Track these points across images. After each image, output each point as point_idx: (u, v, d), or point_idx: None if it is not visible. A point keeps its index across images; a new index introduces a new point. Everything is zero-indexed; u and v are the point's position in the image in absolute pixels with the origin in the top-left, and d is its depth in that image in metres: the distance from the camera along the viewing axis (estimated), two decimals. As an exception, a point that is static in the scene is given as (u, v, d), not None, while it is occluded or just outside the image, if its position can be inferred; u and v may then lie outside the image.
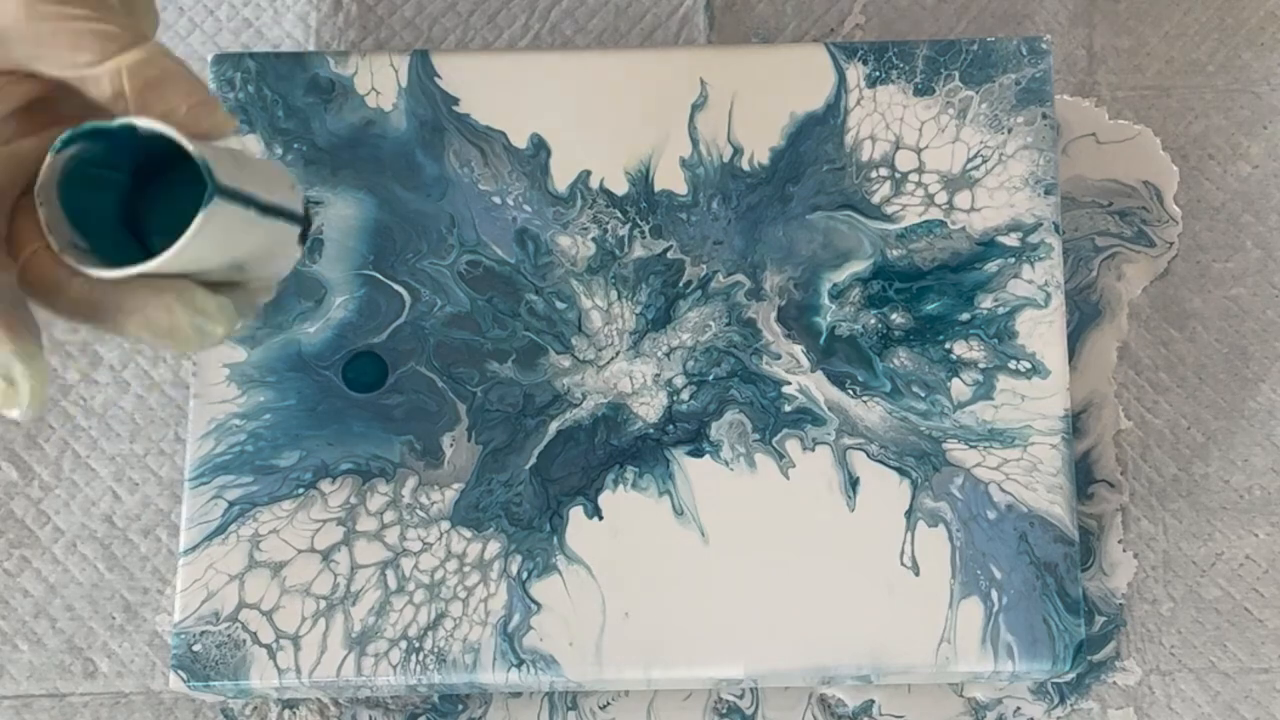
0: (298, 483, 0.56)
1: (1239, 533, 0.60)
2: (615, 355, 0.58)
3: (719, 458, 0.57)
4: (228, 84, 0.60)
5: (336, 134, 0.60)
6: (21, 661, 0.58)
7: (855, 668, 0.55)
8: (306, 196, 0.59)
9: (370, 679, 0.54)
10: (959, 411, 0.57)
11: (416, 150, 0.60)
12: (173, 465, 0.59)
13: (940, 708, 0.58)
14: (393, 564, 0.56)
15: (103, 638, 0.58)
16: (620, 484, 0.56)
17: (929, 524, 0.56)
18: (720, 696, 0.57)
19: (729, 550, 0.56)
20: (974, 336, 0.58)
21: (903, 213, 0.59)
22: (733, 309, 0.58)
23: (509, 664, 0.54)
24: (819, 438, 0.57)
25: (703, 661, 0.55)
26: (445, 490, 0.56)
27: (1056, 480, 0.56)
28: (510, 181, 0.59)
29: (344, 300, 0.58)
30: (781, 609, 0.55)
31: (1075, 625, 0.55)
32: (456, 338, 0.58)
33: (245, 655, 0.54)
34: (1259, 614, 0.59)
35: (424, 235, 0.59)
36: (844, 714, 0.57)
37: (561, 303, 0.59)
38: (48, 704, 0.57)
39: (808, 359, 0.58)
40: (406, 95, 0.60)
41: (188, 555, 0.55)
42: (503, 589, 0.55)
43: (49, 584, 0.58)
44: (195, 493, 0.56)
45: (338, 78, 0.60)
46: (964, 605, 0.55)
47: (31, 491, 0.59)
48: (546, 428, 0.57)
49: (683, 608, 0.55)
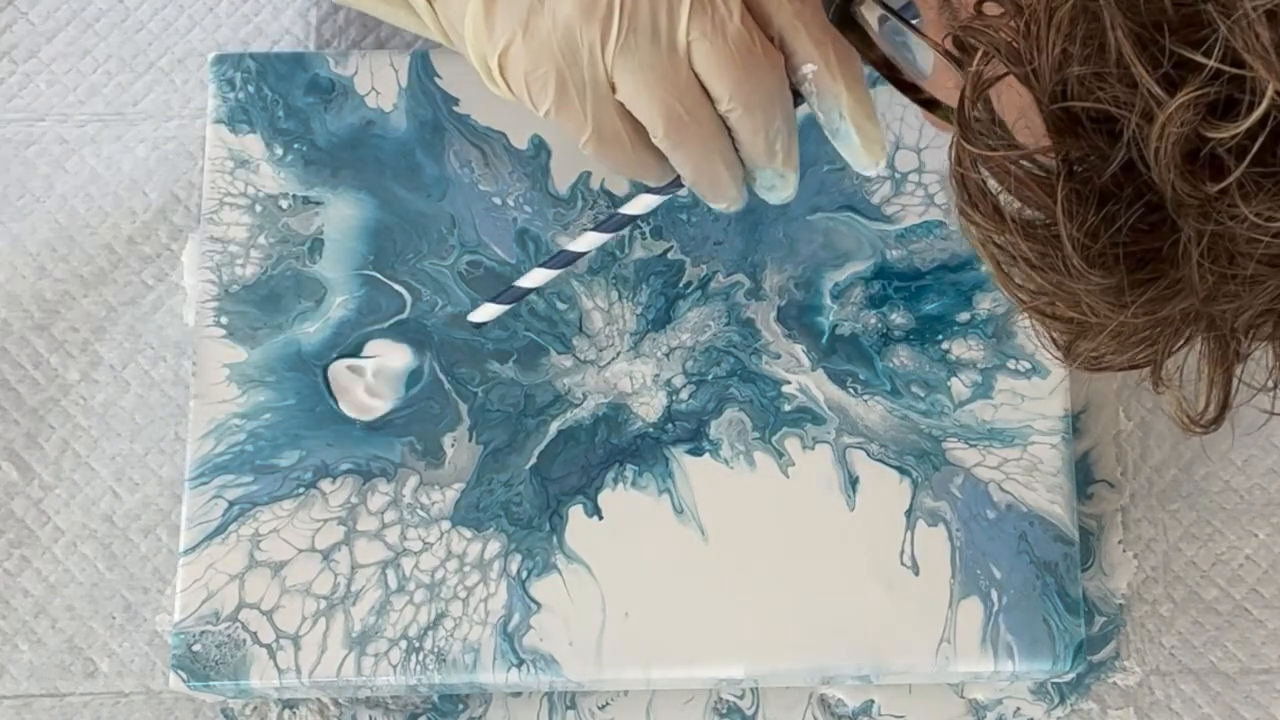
0: (298, 482, 0.56)
1: (1239, 533, 0.60)
2: (616, 355, 0.58)
3: (719, 456, 0.57)
4: (228, 84, 0.60)
5: (336, 134, 0.60)
6: (21, 661, 0.58)
7: (855, 668, 0.55)
8: (307, 196, 0.59)
9: (370, 679, 0.54)
10: (959, 411, 0.57)
11: (417, 150, 0.60)
12: (173, 465, 0.59)
13: (940, 708, 0.57)
14: (393, 564, 0.56)
15: (103, 637, 0.58)
16: (620, 483, 0.56)
17: (929, 523, 0.56)
18: (720, 696, 0.57)
19: (729, 550, 0.56)
20: (973, 336, 0.58)
21: (903, 213, 0.59)
22: (732, 309, 0.58)
23: (509, 664, 0.54)
24: (819, 437, 0.57)
25: (703, 661, 0.55)
26: (446, 490, 0.56)
27: (1056, 480, 0.56)
28: (511, 182, 0.59)
29: (344, 300, 0.58)
30: (781, 609, 0.55)
31: (1075, 625, 0.55)
32: (457, 338, 0.58)
33: (245, 655, 0.54)
34: (1259, 615, 0.59)
35: (424, 235, 0.59)
36: (844, 714, 0.57)
37: (562, 303, 0.59)
38: (48, 704, 0.57)
39: (808, 358, 0.58)
40: (407, 95, 0.60)
41: (188, 555, 0.55)
42: (503, 589, 0.55)
43: (49, 584, 0.58)
44: (195, 492, 0.56)
45: (338, 78, 0.60)
46: (964, 605, 0.55)
47: (31, 491, 0.59)
48: (547, 427, 0.57)
49: (683, 608, 0.55)
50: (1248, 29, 0.27)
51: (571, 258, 0.53)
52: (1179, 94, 0.29)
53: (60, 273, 0.61)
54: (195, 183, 0.62)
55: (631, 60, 0.44)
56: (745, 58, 0.45)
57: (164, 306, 0.61)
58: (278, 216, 0.59)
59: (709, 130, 0.46)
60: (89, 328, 0.61)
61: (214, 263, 0.59)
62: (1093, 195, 0.31)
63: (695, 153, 0.46)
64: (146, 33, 0.64)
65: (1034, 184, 0.32)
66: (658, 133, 0.46)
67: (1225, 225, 0.30)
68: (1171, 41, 0.29)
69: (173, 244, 0.62)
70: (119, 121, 0.63)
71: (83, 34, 0.64)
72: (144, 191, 0.62)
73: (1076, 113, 0.31)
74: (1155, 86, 0.29)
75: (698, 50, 0.44)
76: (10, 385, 0.60)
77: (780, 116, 0.46)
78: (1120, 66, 0.29)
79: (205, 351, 0.58)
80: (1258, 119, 0.28)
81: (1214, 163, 0.29)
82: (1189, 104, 0.29)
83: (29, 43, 0.64)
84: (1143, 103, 0.29)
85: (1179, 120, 0.29)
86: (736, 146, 0.47)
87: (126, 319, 0.61)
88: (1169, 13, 0.29)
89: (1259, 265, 0.31)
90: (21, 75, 0.64)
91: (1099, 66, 0.30)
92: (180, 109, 0.63)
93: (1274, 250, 0.30)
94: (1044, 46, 0.30)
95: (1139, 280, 0.33)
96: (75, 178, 0.63)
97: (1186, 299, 0.33)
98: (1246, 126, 0.28)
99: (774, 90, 0.46)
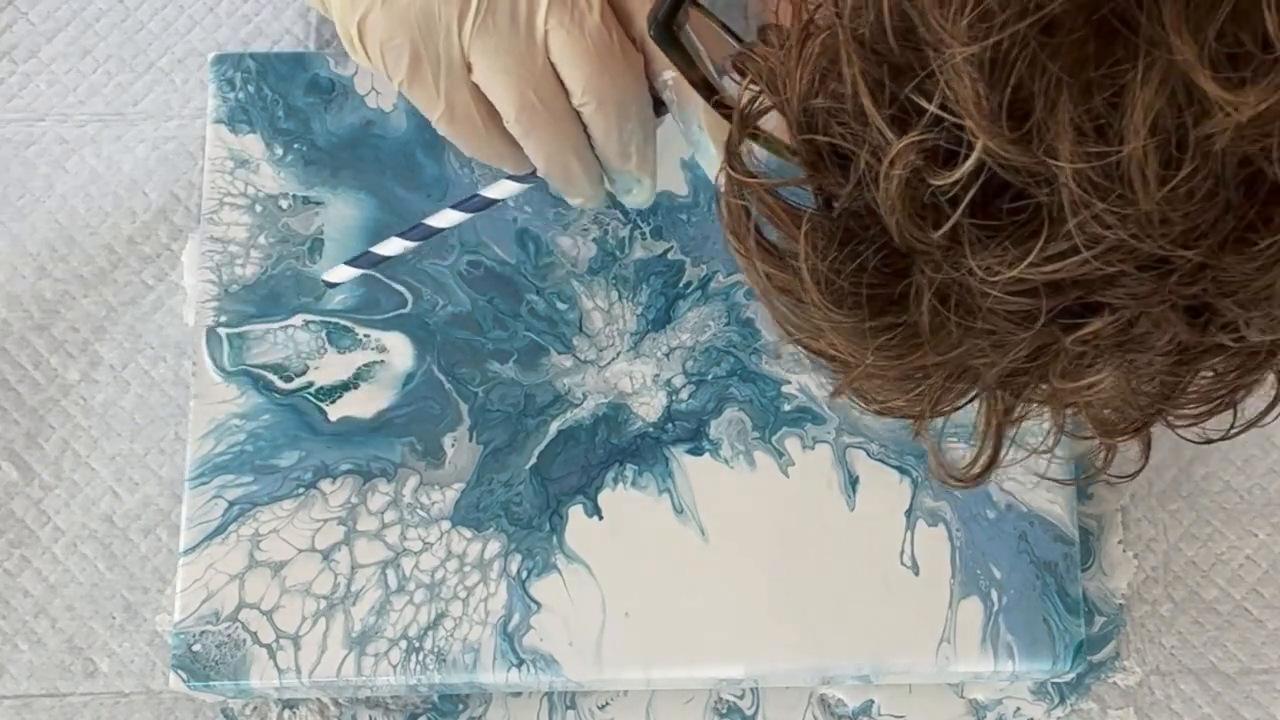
0: (298, 482, 0.56)
1: (1239, 534, 0.60)
2: (616, 355, 0.58)
3: (718, 456, 0.57)
4: (228, 84, 0.60)
5: (336, 134, 0.60)
6: (21, 661, 0.58)
7: (855, 668, 0.55)
8: (307, 196, 0.59)
9: (370, 679, 0.54)
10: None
11: (417, 151, 0.60)
12: (173, 465, 0.59)
13: (940, 708, 0.57)
14: (393, 564, 0.56)
15: (103, 637, 0.58)
16: (620, 482, 0.56)
17: (929, 523, 0.56)
18: (720, 696, 0.57)
19: (729, 549, 0.56)
20: (974, 336, 0.58)
21: (903, 213, 0.59)
22: (732, 309, 0.58)
23: (509, 664, 0.54)
24: (819, 436, 0.57)
25: (703, 661, 0.55)
26: (446, 490, 0.56)
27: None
28: (510, 182, 0.59)
29: (343, 299, 0.58)
30: (781, 609, 0.55)
31: (1075, 625, 0.55)
32: (458, 338, 0.58)
33: (245, 655, 0.54)
34: (1259, 615, 0.59)
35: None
36: (844, 714, 0.57)
37: (563, 303, 0.59)
38: (48, 704, 0.57)
39: (808, 358, 0.58)
40: (407, 95, 0.60)
41: (188, 555, 0.55)
42: (503, 588, 0.55)
43: (49, 584, 0.58)
44: (195, 492, 0.56)
45: (338, 78, 0.60)
46: (964, 605, 0.55)
47: (31, 491, 0.59)
48: (547, 427, 0.57)
49: (683, 608, 0.55)
50: (956, 77, 0.27)
51: (429, 232, 0.53)
52: (904, 137, 0.28)
53: (60, 273, 0.61)
54: (195, 183, 0.62)
55: (488, 42, 0.44)
56: (602, 53, 0.45)
57: (164, 306, 0.61)
58: (278, 216, 0.59)
59: (562, 121, 0.46)
60: (89, 328, 0.61)
61: (214, 263, 0.59)
62: (838, 231, 0.31)
63: (547, 142, 0.47)
64: (146, 33, 0.64)
65: (786, 215, 0.32)
66: (509, 117, 0.46)
67: (958, 275, 0.30)
68: (897, 83, 0.28)
69: (173, 244, 0.62)
70: (119, 121, 0.63)
71: (83, 34, 0.64)
72: (144, 191, 0.62)
73: (820, 146, 0.30)
74: (885, 126, 0.28)
75: (555, 39, 0.45)
76: (10, 385, 0.60)
77: (636, 118, 0.46)
78: (855, 104, 0.29)
79: (205, 351, 0.58)
80: (971, 168, 0.28)
81: (937, 210, 0.29)
82: (912, 147, 0.28)
83: (29, 43, 0.64)
84: (872, 142, 0.29)
85: (902, 163, 0.28)
86: (592, 144, 0.47)
87: (126, 319, 0.61)
88: (896, 54, 0.28)
89: (1000, 320, 0.30)
90: (21, 75, 0.64)
91: (836, 102, 0.30)
92: (180, 109, 0.63)
93: (1009, 306, 0.30)
94: (793, 77, 0.30)
95: (880, 325, 0.32)
96: (75, 178, 0.63)
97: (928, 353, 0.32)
98: (961, 175, 0.28)
99: (630, 90, 0.46)
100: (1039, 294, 0.29)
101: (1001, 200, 0.28)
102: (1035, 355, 0.32)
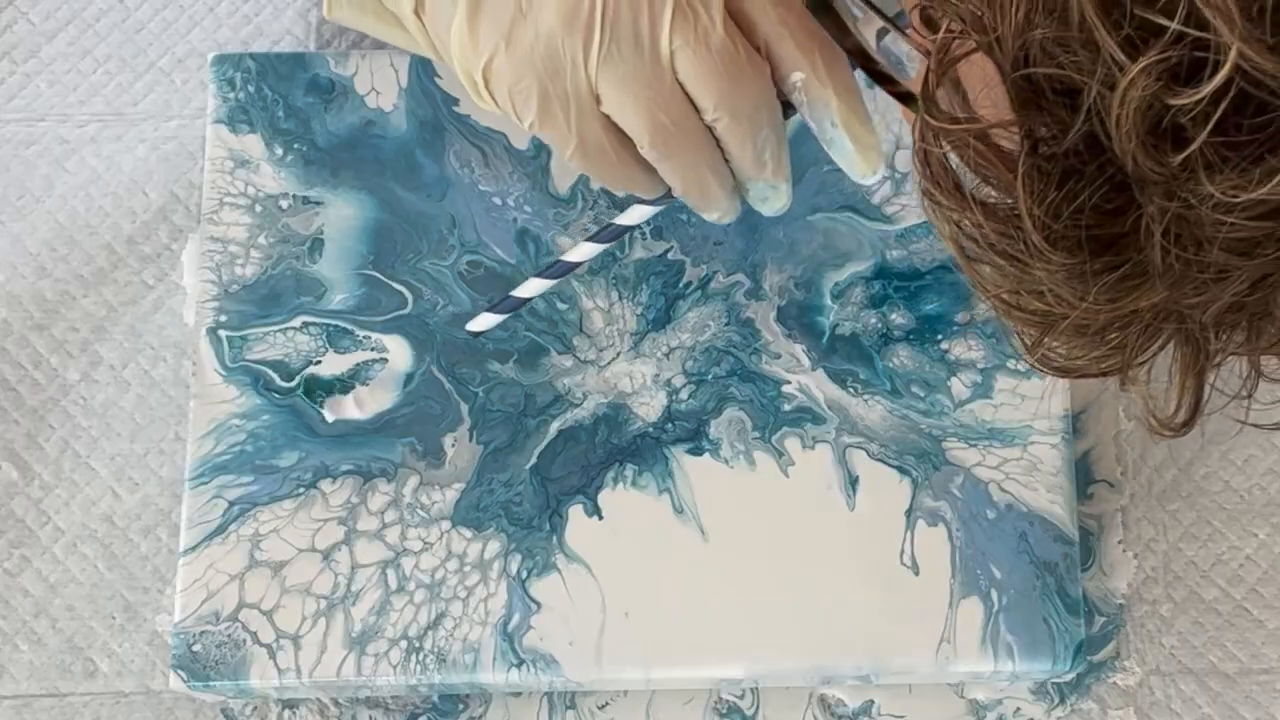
0: (298, 482, 0.56)
1: (1239, 534, 0.60)
2: (616, 355, 0.58)
3: (718, 455, 0.57)
4: (228, 84, 0.60)
5: (336, 134, 0.60)
6: (21, 661, 0.58)
7: (855, 668, 0.55)
8: (307, 196, 0.59)
9: (370, 679, 0.54)
10: (959, 410, 0.57)
11: (417, 151, 0.60)
12: (173, 465, 0.59)
13: (940, 708, 0.57)
14: (393, 564, 0.56)
15: (103, 637, 0.58)
16: (620, 482, 0.56)
17: (929, 523, 0.56)
18: (720, 696, 0.57)
19: (729, 549, 0.56)
20: (973, 336, 0.58)
21: (903, 213, 0.59)
22: (732, 309, 0.58)
23: (509, 664, 0.54)
24: (819, 436, 0.57)
25: (703, 661, 0.55)
26: (446, 490, 0.56)
27: (1056, 480, 0.56)
28: (511, 182, 0.59)
29: (343, 299, 0.58)
30: (781, 609, 0.55)
31: (1075, 625, 0.55)
32: (458, 338, 0.58)
33: (245, 655, 0.54)
34: (1259, 615, 0.59)
35: (425, 235, 0.59)
36: (844, 714, 0.57)
37: (563, 303, 0.59)
38: (48, 704, 0.57)
39: (808, 358, 0.58)
40: (407, 95, 0.60)
41: (188, 555, 0.55)
42: (503, 588, 0.55)
43: (49, 584, 0.58)
44: (195, 493, 0.56)
45: (338, 78, 0.60)
46: (964, 605, 0.55)
47: (31, 491, 0.59)
48: (547, 427, 0.57)
49: (683, 608, 0.55)
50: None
51: (568, 268, 0.53)
52: (1141, 58, 0.27)
53: (60, 273, 0.61)
54: (195, 183, 0.62)
55: (615, 71, 0.44)
56: (729, 66, 0.44)
57: (164, 306, 0.61)
58: (278, 216, 0.59)
59: (696, 141, 0.45)
60: (89, 328, 0.61)
61: (214, 263, 0.59)
62: (1055, 171, 0.30)
63: (683, 164, 0.46)
64: (146, 33, 0.64)
65: (995, 160, 0.31)
66: (644, 144, 0.45)
67: (1189, 205, 0.29)
68: (1134, 4, 0.27)
69: (173, 244, 0.62)
70: (119, 121, 0.63)
71: (83, 34, 0.64)
72: (144, 191, 0.62)
73: (1039, 81, 0.30)
74: (1117, 51, 0.28)
75: (681, 59, 0.44)
76: (10, 385, 0.60)
77: (768, 125, 0.46)
78: (1083, 31, 0.28)
79: (205, 351, 0.58)
80: (1220, 83, 0.27)
81: (1177, 133, 0.28)
82: (1151, 69, 0.27)
83: (29, 43, 0.64)
84: (1104, 69, 0.28)
85: (1140, 85, 0.28)
86: (726, 157, 0.46)
87: (126, 319, 0.61)
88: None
89: (1225, 252, 0.29)
90: (21, 75, 0.64)
91: (1061, 31, 0.29)
92: (180, 109, 0.63)
93: (1240, 234, 0.29)
94: (1007, 12, 0.29)
95: (1102, 265, 0.31)
96: (75, 178, 0.63)
97: (1152, 291, 0.32)
98: (1208, 91, 0.27)
99: (760, 98, 0.45)
100: (1275, 216, 0.28)
101: (1243, 116, 0.27)
102: (1255, 287, 0.31)
